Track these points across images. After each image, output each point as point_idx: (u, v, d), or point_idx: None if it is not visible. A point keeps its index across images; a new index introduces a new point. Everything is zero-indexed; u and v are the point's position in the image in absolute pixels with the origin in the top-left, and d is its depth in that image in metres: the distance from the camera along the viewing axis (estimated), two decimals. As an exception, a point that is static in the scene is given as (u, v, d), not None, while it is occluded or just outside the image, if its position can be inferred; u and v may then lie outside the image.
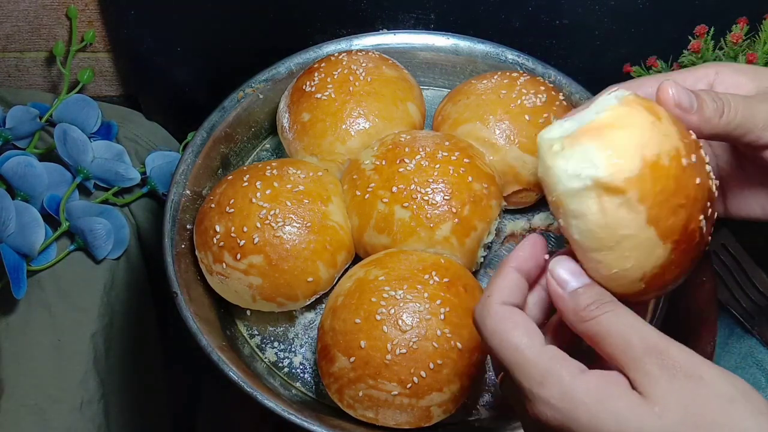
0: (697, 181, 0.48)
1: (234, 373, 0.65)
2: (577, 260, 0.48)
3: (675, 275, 0.50)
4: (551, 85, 0.79)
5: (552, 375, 0.45)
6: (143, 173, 0.94)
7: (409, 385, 0.61)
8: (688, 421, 0.43)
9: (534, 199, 0.78)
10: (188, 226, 0.74)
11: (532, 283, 0.51)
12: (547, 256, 0.51)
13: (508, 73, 0.79)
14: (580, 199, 0.46)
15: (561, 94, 0.78)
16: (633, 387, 0.44)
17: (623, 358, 0.45)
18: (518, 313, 0.48)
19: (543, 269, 0.51)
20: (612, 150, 0.45)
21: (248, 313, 0.74)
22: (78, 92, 0.96)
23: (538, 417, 0.46)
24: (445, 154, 0.71)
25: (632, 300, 0.49)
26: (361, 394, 0.62)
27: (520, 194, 0.77)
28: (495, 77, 0.78)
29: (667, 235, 0.47)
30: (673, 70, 0.80)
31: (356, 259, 0.73)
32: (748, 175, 0.60)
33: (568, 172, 0.46)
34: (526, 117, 0.74)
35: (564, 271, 0.48)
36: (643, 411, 0.43)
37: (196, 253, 0.72)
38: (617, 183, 0.45)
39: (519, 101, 0.75)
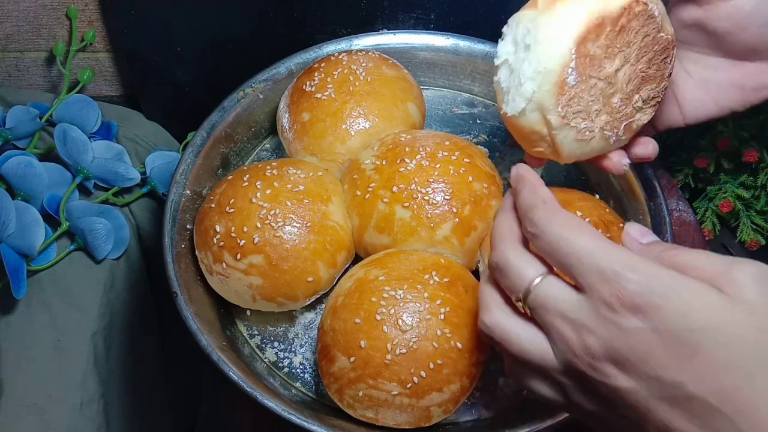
0: None
1: (234, 373, 0.65)
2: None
3: None
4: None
5: (638, 260, 0.45)
6: (143, 173, 0.94)
7: (409, 385, 0.61)
8: None
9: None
10: (188, 226, 0.74)
11: None
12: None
13: None
14: None
15: None
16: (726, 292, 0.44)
17: (710, 273, 0.45)
18: (578, 218, 0.49)
19: None
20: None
21: (248, 313, 0.74)
22: (78, 92, 0.96)
23: (620, 296, 0.44)
24: (446, 153, 0.71)
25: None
26: (361, 394, 0.62)
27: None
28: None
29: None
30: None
31: (356, 259, 0.73)
32: (697, 72, 0.64)
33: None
34: None
35: (637, 230, 0.50)
36: (735, 305, 0.43)
37: (196, 253, 0.72)
38: None
39: None
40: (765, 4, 0.57)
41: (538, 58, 0.56)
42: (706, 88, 0.65)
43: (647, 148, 0.63)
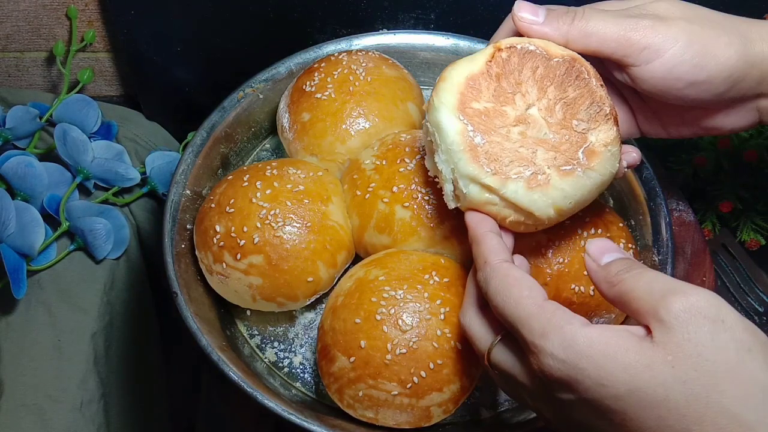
0: (560, 260, 0.65)
1: (234, 373, 0.65)
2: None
3: None
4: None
5: (553, 326, 0.45)
6: (143, 173, 0.94)
7: (409, 385, 0.61)
8: (702, 370, 0.42)
9: None
10: (188, 226, 0.74)
11: None
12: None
13: None
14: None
15: None
16: (650, 337, 0.44)
17: (644, 307, 0.45)
18: (517, 269, 0.50)
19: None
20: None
21: (248, 313, 0.74)
22: (78, 92, 0.96)
23: (542, 370, 0.46)
24: (445, 154, 0.71)
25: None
26: (361, 394, 0.62)
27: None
28: None
29: None
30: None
31: (356, 259, 0.73)
32: (646, 103, 0.64)
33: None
34: None
35: (596, 248, 0.51)
36: (654, 360, 0.43)
37: (196, 253, 0.72)
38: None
39: None
40: (679, 69, 0.57)
41: (442, 145, 0.57)
42: (655, 118, 0.65)
43: (630, 156, 0.63)
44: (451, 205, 0.60)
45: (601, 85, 0.59)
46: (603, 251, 0.50)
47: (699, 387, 0.42)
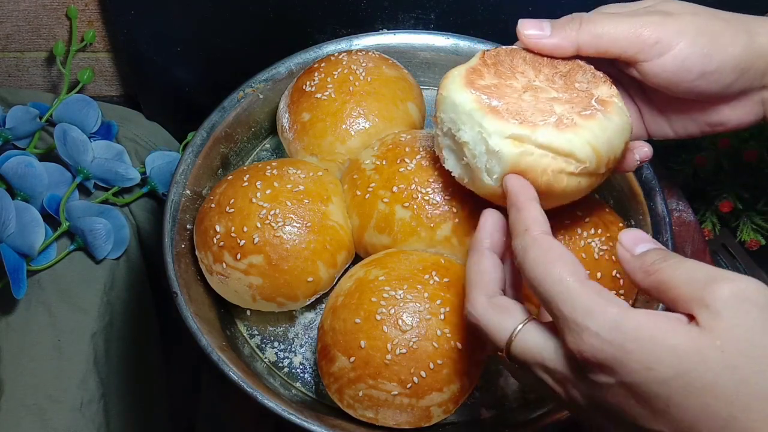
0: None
1: (234, 373, 0.65)
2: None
3: None
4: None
5: (600, 306, 0.44)
6: (143, 173, 0.94)
7: (409, 385, 0.61)
8: (752, 356, 0.41)
9: None
10: (188, 226, 0.74)
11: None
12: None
13: None
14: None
15: None
16: (695, 323, 0.43)
17: (687, 294, 0.44)
18: (561, 246, 0.49)
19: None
20: None
21: (248, 313, 0.74)
22: (78, 92, 0.96)
23: (582, 351, 0.44)
24: (445, 154, 0.71)
25: None
26: (361, 394, 0.62)
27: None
28: None
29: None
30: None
31: (356, 259, 0.73)
32: (654, 103, 0.65)
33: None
34: None
35: (630, 239, 0.49)
36: (703, 344, 0.42)
37: (196, 253, 0.72)
38: None
39: None
40: (690, 60, 0.58)
41: (462, 117, 0.59)
42: (663, 117, 0.66)
43: (641, 151, 0.63)
44: (488, 183, 0.58)
45: (587, 63, 0.62)
46: (637, 241, 0.49)
47: (749, 373, 0.41)
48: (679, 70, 0.58)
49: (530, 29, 0.62)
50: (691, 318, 0.44)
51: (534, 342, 0.48)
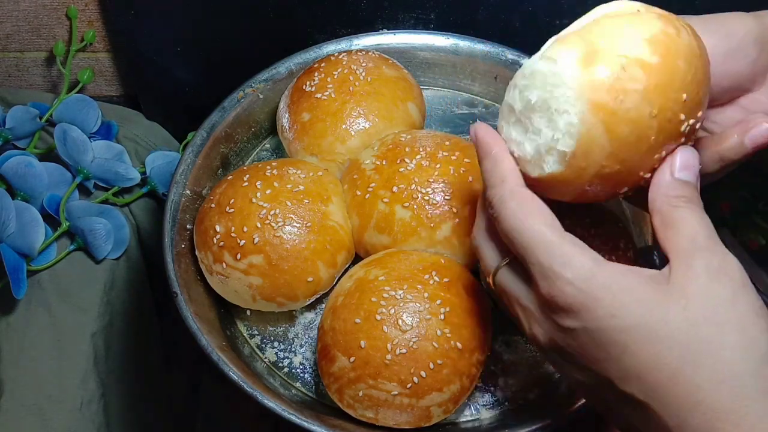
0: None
1: (234, 373, 0.65)
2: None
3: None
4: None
5: (576, 257, 0.45)
6: (143, 173, 0.94)
7: (409, 385, 0.61)
8: (712, 320, 0.43)
9: None
10: (188, 226, 0.74)
11: None
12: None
13: None
14: None
15: None
16: (669, 274, 0.45)
17: (682, 245, 0.46)
18: (537, 199, 0.49)
19: None
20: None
21: (248, 313, 0.74)
22: (78, 92, 0.96)
23: (554, 297, 0.46)
24: (446, 153, 0.71)
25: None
26: (361, 394, 0.62)
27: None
28: None
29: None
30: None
31: (356, 259, 0.73)
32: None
33: None
34: None
35: (681, 160, 0.49)
36: (668, 300, 0.44)
37: (196, 253, 0.72)
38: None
39: None
40: (711, 42, 0.55)
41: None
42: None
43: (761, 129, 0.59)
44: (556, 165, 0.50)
45: None
46: (685, 166, 0.49)
47: (705, 333, 0.43)
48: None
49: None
50: (667, 260, 0.46)
51: (511, 280, 0.51)
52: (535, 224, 0.47)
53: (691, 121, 0.50)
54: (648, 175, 0.50)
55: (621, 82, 0.47)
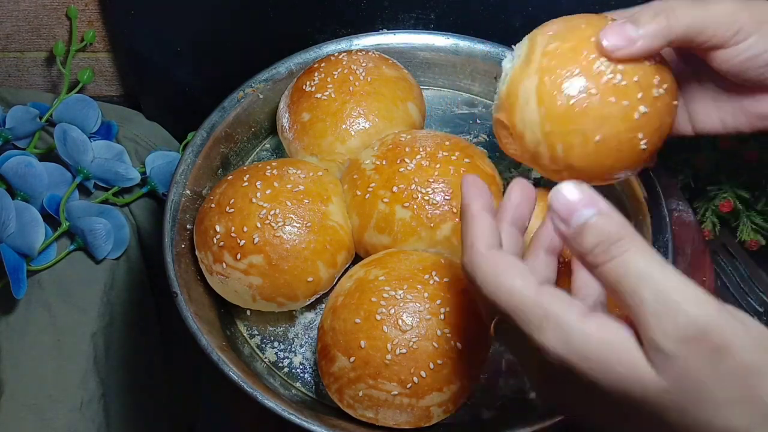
0: (560, 259, 0.54)
1: (234, 373, 0.65)
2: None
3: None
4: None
5: (550, 319, 0.43)
6: (143, 173, 0.94)
7: (409, 385, 0.61)
8: (702, 399, 0.40)
9: None
10: (188, 226, 0.74)
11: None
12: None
13: None
14: None
15: None
16: (643, 345, 0.41)
17: (635, 312, 0.41)
18: (507, 256, 0.46)
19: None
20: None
21: (248, 313, 0.74)
22: (78, 92, 0.96)
23: (542, 362, 0.44)
24: (446, 153, 0.71)
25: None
26: (361, 394, 0.62)
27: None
28: None
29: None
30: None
31: (356, 258, 0.73)
32: (706, 90, 0.65)
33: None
34: None
35: (562, 205, 0.43)
36: (647, 380, 0.41)
37: (196, 253, 0.72)
38: None
39: None
40: (760, 48, 0.59)
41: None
42: (714, 106, 0.66)
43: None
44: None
45: None
46: (570, 211, 0.43)
47: (696, 412, 0.41)
48: (750, 58, 0.59)
49: (613, 39, 0.59)
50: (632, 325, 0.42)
51: (505, 332, 0.49)
52: (507, 286, 0.45)
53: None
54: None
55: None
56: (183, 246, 0.73)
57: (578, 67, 0.60)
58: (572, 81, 0.60)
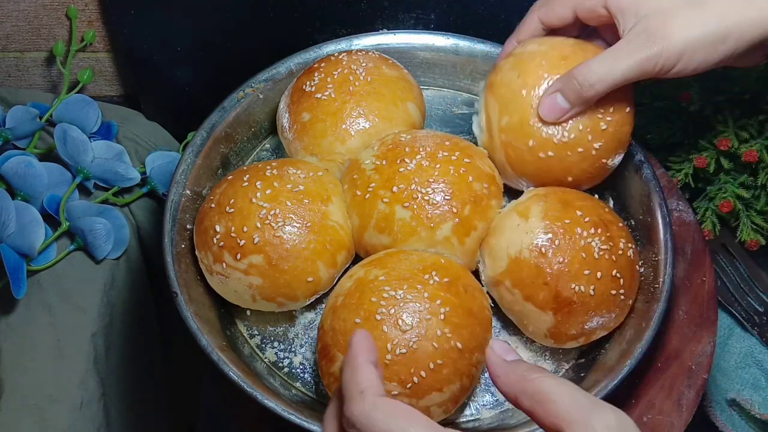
0: (560, 260, 0.66)
1: (234, 373, 0.65)
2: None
3: (579, 328, 0.67)
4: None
5: None
6: (143, 173, 0.94)
7: (409, 385, 0.61)
8: None
9: None
10: (188, 226, 0.74)
11: None
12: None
13: None
14: None
15: None
16: None
17: (571, 415, 0.45)
18: (400, 404, 0.48)
19: None
20: (488, 255, 0.69)
21: (248, 313, 0.74)
22: (78, 92, 0.96)
23: None
24: (446, 153, 0.71)
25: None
26: (361, 394, 0.62)
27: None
28: None
29: (543, 306, 0.66)
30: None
31: (356, 258, 0.73)
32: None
33: None
34: None
35: (500, 347, 0.52)
36: None
37: (196, 253, 0.72)
38: (496, 277, 0.68)
39: None
40: (701, 57, 0.64)
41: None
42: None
43: None
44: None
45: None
46: (507, 351, 0.52)
47: None
48: (698, 66, 0.65)
49: (547, 113, 0.69)
50: None
51: None
52: (401, 428, 0.46)
53: None
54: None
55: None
56: (183, 246, 0.73)
57: (531, 139, 0.70)
58: (531, 148, 0.70)
